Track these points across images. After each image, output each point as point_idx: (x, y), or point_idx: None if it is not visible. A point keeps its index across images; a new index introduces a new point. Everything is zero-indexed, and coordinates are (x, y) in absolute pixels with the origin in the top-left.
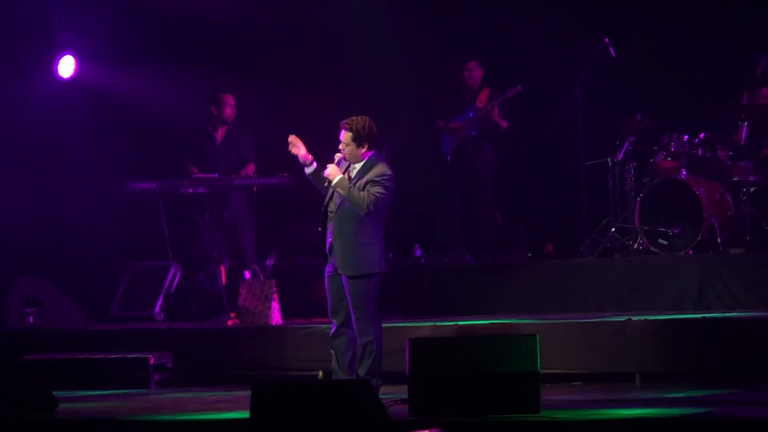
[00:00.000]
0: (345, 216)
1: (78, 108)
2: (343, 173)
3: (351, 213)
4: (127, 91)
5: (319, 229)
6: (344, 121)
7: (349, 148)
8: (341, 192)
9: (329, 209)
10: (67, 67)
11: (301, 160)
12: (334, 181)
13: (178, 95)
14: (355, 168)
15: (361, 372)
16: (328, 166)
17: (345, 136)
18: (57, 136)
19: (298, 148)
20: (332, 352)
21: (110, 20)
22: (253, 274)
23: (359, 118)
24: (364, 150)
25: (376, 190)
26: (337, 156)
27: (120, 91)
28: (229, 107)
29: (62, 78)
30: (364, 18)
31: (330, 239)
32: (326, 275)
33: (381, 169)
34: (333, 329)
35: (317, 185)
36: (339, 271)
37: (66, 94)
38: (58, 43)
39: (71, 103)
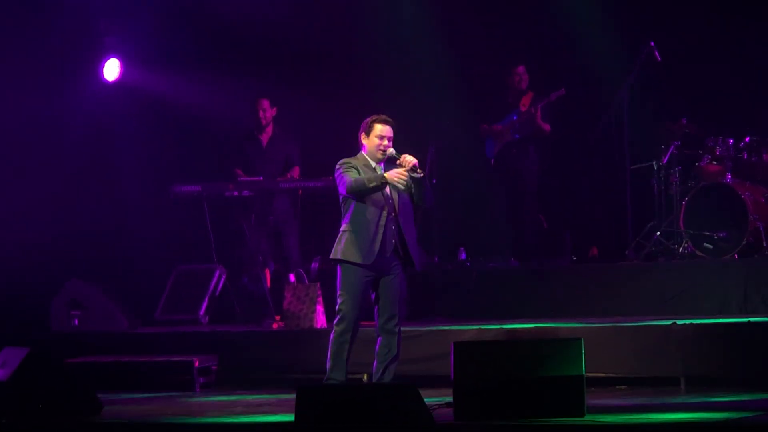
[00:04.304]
0: (406, 212)
1: (123, 111)
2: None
3: (409, 208)
4: (172, 94)
5: (378, 231)
6: (388, 117)
7: (391, 143)
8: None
9: (386, 208)
10: (112, 70)
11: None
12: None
13: (224, 98)
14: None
15: (390, 376)
16: (405, 156)
17: (391, 132)
18: (102, 139)
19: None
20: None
21: (156, 23)
22: (298, 277)
23: None
24: None
25: None
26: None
27: (165, 94)
28: (261, 111)
29: (107, 81)
30: (408, 21)
31: (393, 240)
32: (392, 277)
33: None
34: (378, 331)
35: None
36: (400, 271)
37: (111, 97)
38: (104, 46)
39: (117, 107)
